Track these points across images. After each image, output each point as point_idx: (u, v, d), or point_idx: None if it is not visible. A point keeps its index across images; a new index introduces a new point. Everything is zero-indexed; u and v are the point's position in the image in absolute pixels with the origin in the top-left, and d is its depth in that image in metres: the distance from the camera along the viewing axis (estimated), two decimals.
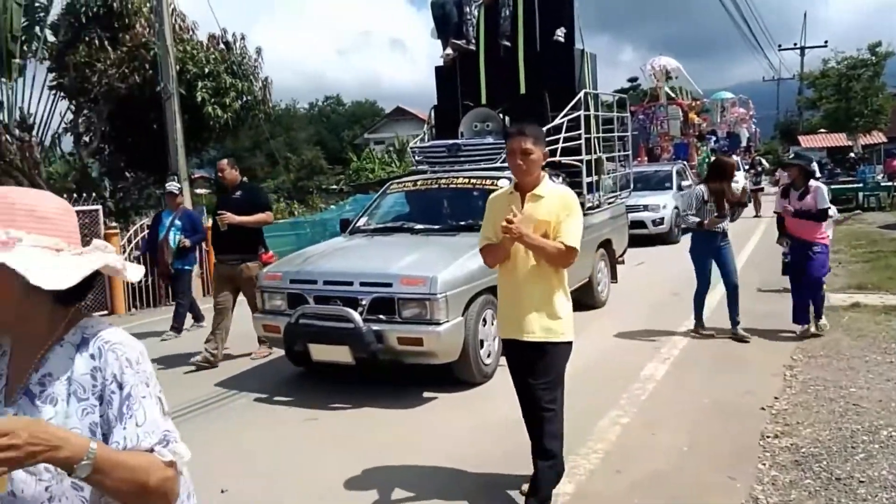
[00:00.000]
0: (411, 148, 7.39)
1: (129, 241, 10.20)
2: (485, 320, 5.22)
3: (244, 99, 11.97)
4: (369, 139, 44.59)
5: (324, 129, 57.76)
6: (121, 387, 1.19)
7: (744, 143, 23.40)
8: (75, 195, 10.23)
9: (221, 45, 12.10)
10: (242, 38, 12.38)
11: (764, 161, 24.07)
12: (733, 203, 6.18)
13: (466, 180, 6.36)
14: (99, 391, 1.19)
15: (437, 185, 6.52)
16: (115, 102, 11.12)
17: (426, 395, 5.04)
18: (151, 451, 1.16)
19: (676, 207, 13.64)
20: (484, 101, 7.70)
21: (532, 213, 3.02)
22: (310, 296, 5.13)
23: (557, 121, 6.92)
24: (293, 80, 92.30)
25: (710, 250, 6.23)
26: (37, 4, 12.59)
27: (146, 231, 10.63)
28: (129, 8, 11.89)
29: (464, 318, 4.94)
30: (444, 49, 8.00)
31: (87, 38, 11.61)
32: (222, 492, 3.63)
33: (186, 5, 29.12)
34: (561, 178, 6.90)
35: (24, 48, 12.52)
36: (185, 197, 9.32)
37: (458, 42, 7.83)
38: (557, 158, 6.79)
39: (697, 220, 6.12)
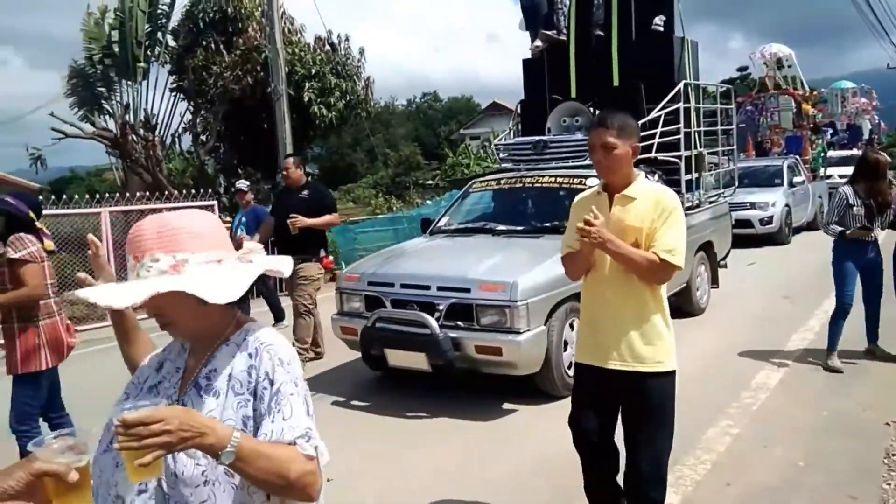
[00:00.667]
0: (495, 145, 7.19)
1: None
2: (570, 328, 4.95)
3: (348, 98, 12.35)
4: (465, 134, 44.84)
5: (421, 125, 58.72)
6: (272, 383, 1.29)
7: (865, 136, 21.73)
8: (192, 190, 10.94)
9: (327, 47, 12.57)
10: (346, 39, 12.82)
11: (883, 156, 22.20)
12: (884, 206, 5.19)
13: (552, 179, 6.07)
14: (253, 387, 1.30)
15: (521, 184, 6.26)
16: (230, 103, 11.80)
17: (506, 406, 4.79)
18: (294, 444, 1.24)
19: (787, 206, 12.87)
20: (573, 94, 7.37)
21: (621, 218, 2.56)
22: (387, 299, 4.99)
23: (654, 114, 6.60)
24: (392, 77, 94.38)
25: (856, 264, 5.25)
26: (159, 11, 13.58)
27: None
28: (242, 13, 12.58)
29: (546, 326, 4.67)
30: (533, 41, 7.83)
31: (204, 43, 12.39)
32: (328, 480, 3.79)
33: (294, 8, 30.38)
34: (657, 176, 6.56)
35: (148, 53, 13.57)
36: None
37: (548, 33, 7.63)
38: (654, 154, 6.51)
39: (839, 229, 5.19)
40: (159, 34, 13.52)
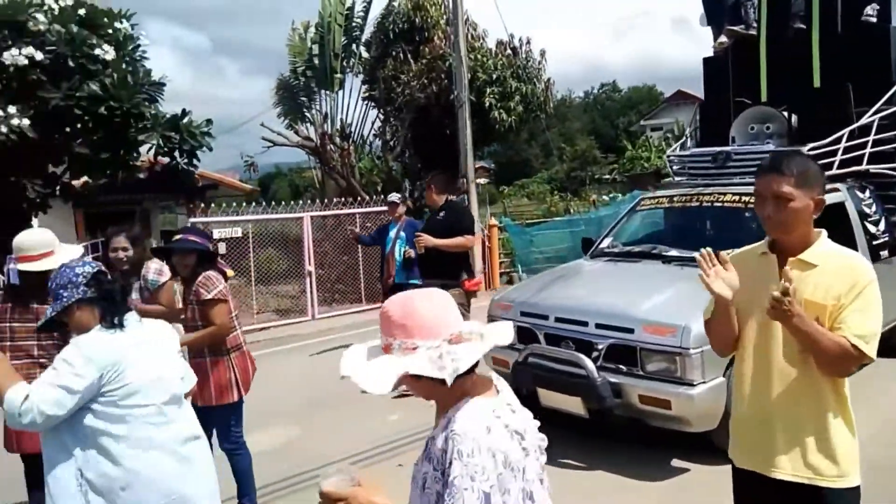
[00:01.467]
0: (668, 156, 6.46)
1: None
2: None
3: (527, 101, 12.35)
4: (645, 126, 42.98)
5: (598, 116, 57.39)
6: (449, 474, 1.36)
7: None
8: (382, 195, 11.62)
9: (508, 51, 12.66)
10: (528, 42, 12.82)
11: None
12: None
13: (736, 198, 5.32)
14: (441, 468, 1.39)
15: (697, 203, 5.58)
16: (416, 111, 12.33)
17: (676, 463, 4.26)
18: None
19: None
20: (764, 97, 6.60)
21: (797, 289, 2.01)
22: (540, 332, 4.62)
23: (865, 119, 5.84)
24: (569, 68, 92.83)
25: None
26: (354, 24, 14.53)
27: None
28: (428, 22, 13.07)
29: (726, 377, 3.97)
30: (716, 37, 7.14)
31: (393, 53, 13.08)
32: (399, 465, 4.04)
33: (477, 13, 30.96)
34: (869, 192, 5.79)
35: (344, 64, 14.59)
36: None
37: (735, 28, 6.90)
38: (865, 167, 5.76)
39: None
40: (354, 46, 14.50)
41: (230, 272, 4.06)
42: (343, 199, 11.32)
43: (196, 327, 3.58)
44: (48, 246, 3.26)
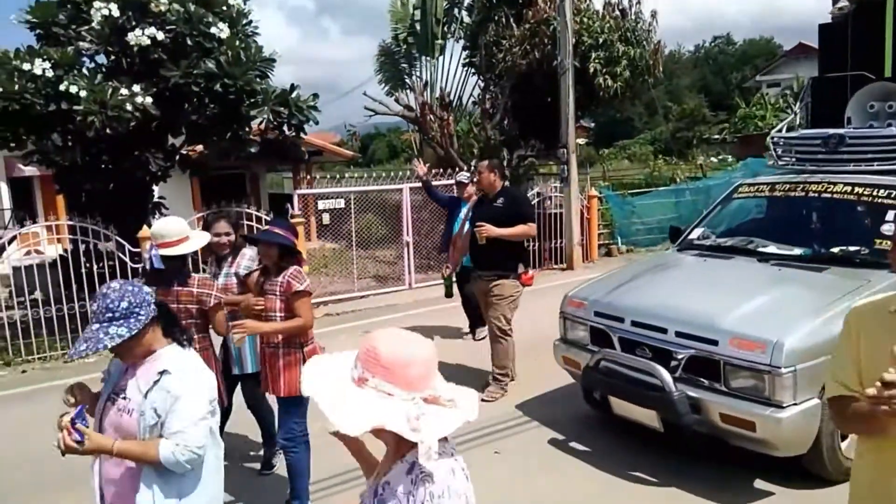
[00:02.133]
0: (772, 138, 5.79)
1: None
2: None
3: (635, 65, 11.79)
4: (762, 81, 40.08)
5: (709, 72, 54.09)
6: None
7: None
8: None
9: (616, 13, 12.06)
10: (638, 1, 12.14)
11: None
12: None
13: (849, 188, 4.70)
14: None
15: (804, 193, 4.97)
16: (517, 78, 12.05)
17: (759, 485, 3.91)
18: None
19: None
20: (888, 71, 5.82)
21: None
22: (615, 335, 4.31)
23: None
24: (679, 20, 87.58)
25: None
26: None
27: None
28: None
29: (821, 399, 3.56)
30: (836, 1, 6.41)
31: (496, 18, 12.77)
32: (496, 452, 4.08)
33: None
34: None
35: (445, 29, 14.42)
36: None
37: None
38: None
39: None
40: (455, 11, 14.27)
41: (306, 267, 4.07)
42: (441, 168, 11.34)
43: (269, 318, 3.61)
44: (183, 232, 3.60)
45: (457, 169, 10.70)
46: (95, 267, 7.76)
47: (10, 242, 7.73)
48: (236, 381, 4.24)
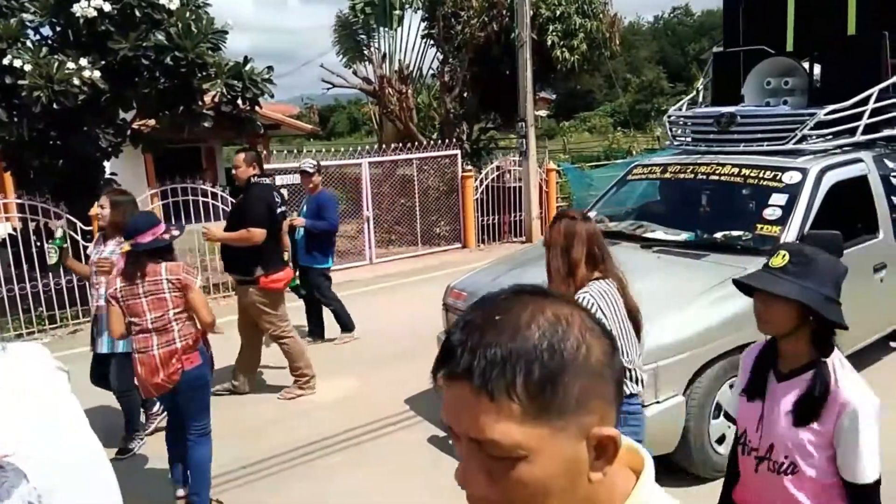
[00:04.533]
0: (668, 117, 5.64)
1: (481, 184, 11.20)
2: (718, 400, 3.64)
3: (592, 38, 11.88)
4: (719, 53, 40.47)
5: (668, 44, 54.62)
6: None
7: None
8: (439, 138, 11.56)
9: None
10: None
11: None
12: None
13: (736, 170, 4.55)
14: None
15: (693, 175, 4.80)
16: (475, 51, 12.03)
17: None
18: None
19: None
20: (790, 45, 5.59)
21: None
22: None
23: None
24: None
25: None
26: None
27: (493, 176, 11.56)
28: None
29: (685, 397, 3.49)
30: None
31: None
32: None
33: None
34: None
35: (403, 0, 14.24)
36: None
37: None
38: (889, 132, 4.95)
39: None
40: None
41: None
42: (401, 143, 11.35)
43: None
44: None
45: (303, 156, 10.53)
46: (46, 245, 7.59)
47: None
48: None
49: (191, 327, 3.45)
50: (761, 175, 4.42)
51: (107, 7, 7.19)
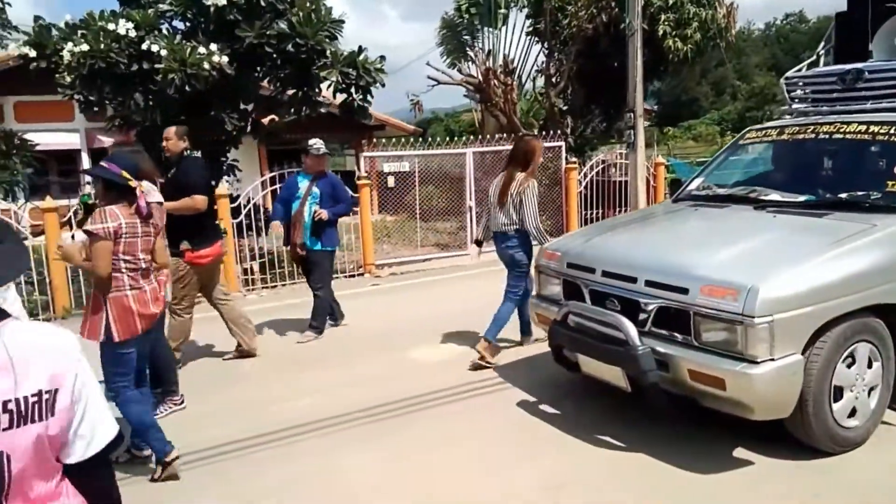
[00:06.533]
0: (786, 79, 5.30)
1: (584, 177, 10.97)
2: (851, 359, 3.38)
3: (706, 28, 11.43)
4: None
5: (780, 51, 51.93)
6: None
7: None
8: (543, 132, 11.43)
9: None
10: None
11: None
12: None
13: (863, 128, 4.19)
14: None
15: (813, 135, 4.48)
16: (582, 43, 11.86)
17: (739, 453, 3.46)
18: None
19: None
20: None
21: None
22: (586, 288, 3.95)
23: None
24: None
25: None
26: None
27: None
28: None
29: (805, 356, 3.21)
30: None
31: None
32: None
33: None
34: None
35: None
36: None
37: None
38: None
39: None
40: None
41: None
42: (504, 134, 11.31)
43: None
44: None
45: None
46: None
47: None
48: None
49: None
50: (892, 132, 4.07)
51: None
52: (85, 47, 7.23)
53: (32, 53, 7.70)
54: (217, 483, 3.55)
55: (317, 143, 6.04)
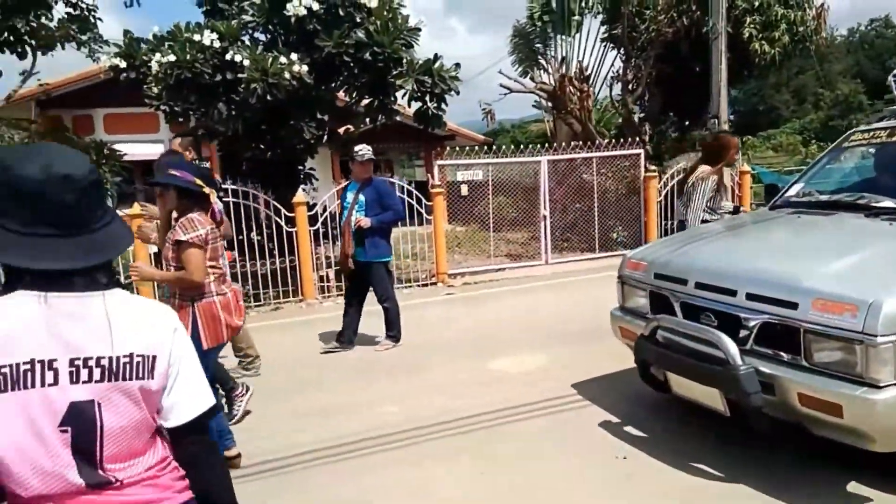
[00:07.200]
0: (894, 75, 4.95)
1: (665, 185, 10.56)
2: None
3: (795, 30, 10.87)
4: None
5: (865, 58, 49.29)
6: None
7: None
8: (620, 139, 11.09)
9: None
10: None
11: None
12: None
13: None
14: None
15: None
16: (662, 47, 11.50)
17: (853, 488, 3.09)
18: None
19: None
20: None
21: None
22: (676, 301, 3.61)
23: None
24: (832, 1, 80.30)
25: None
26: None
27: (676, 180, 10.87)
28: None
29: None
30: None
31: None
32: (623, 458, 3.55)
33: None
34: None
35: (582, 5, 14.05)
36: None
37: None
38: None
39: None
40: None
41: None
42: (579, 142, 11.04)
43: (168, 267, 3.45)
44: None
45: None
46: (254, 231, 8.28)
47: None
48: None
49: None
50: None
51: (315, 6, 7.71)
52: (172, 58, 7.45)
53: (123, 64, 8.01)
54: (292, 491, 3.46)
55: (362, 150, 5.84)
